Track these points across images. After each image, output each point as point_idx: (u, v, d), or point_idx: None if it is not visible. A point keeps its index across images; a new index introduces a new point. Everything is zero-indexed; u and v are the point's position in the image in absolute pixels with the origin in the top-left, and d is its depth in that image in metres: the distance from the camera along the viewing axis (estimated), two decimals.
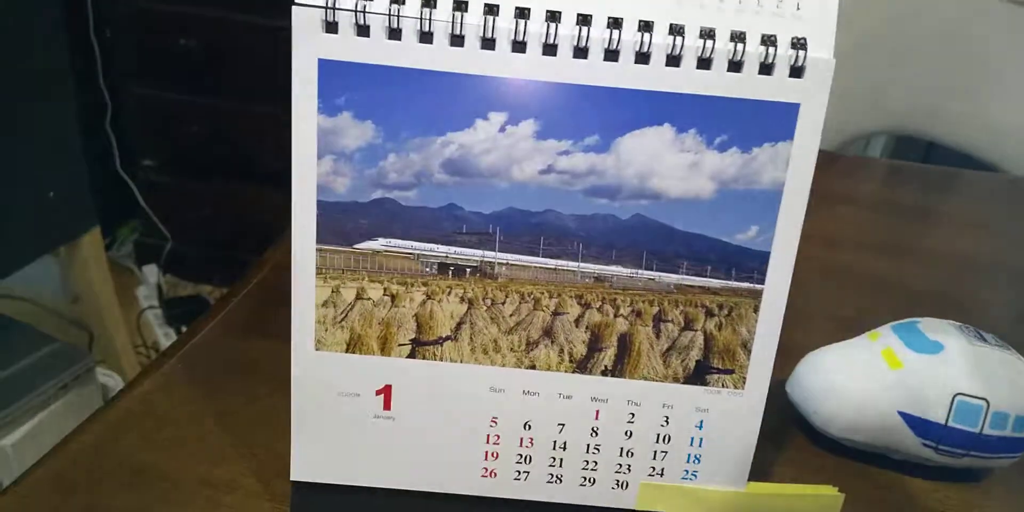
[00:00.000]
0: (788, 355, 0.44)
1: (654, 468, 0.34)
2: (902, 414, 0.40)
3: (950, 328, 0.41)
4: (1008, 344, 0.41)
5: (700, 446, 0.33)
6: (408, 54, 0.29)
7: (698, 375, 0.32)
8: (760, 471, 0.41)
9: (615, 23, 0.29)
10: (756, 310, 0.31)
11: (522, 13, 0.29)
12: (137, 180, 1.78)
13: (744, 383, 0.32)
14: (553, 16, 0.29)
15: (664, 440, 0.33)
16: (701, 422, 0.33)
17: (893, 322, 0.43)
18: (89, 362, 1.21)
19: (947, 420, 0.39)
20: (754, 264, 0.31)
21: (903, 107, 1.17)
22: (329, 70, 0.29)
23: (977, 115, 1.13)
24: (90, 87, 1.66)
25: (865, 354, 0.41)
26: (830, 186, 0.81)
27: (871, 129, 1.23)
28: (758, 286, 0.31)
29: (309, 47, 0.29)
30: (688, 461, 0.33)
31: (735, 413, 0.32)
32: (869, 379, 0.40)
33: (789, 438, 0.44)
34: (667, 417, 0.33)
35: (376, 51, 0.29)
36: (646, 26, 0.29)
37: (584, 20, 0.29)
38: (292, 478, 0.34)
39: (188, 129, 1.63)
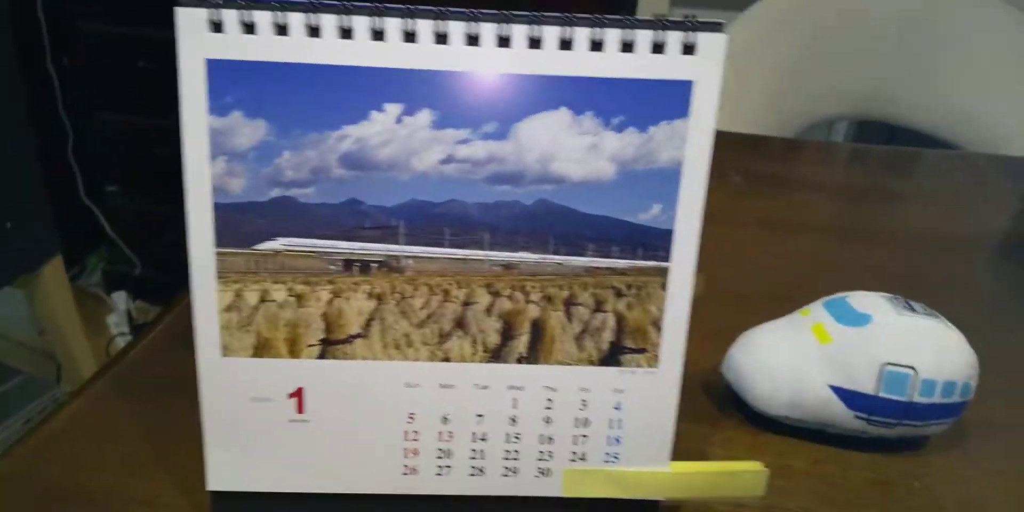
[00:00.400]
0: (730, 338, 0.44)
1: (575, 453, 0.33)
2: (833, 388, 0.40)
3: (879, 300, 0.41)
4: (938, 312, 0.42)
5: (619, 428, 0.33)
6: (297, 49, 0.29)
7: (612, 356, 0.32)
8: (698, 452, 0.41)
9: (506, 9, 0.29)
10: (664, 288, 0.31)
11: (411, 4, 0.29)
12: (102, 207, 1.76)
13: (658, 361, 0.32)
14: (443, 6, 0.29)
15: (583, 424, 0.33)
16: (619, 403, 0.33)
17: (825, 298, 0.43)
18: (57, 393, 1.19)
19: (877, 391, 0.39)
20: (659, 242, 0.31)
21: (863, 92, 1.18)
22: (217, 69, 0.29)
23: (936, 98, 1.15)
24: (50, 116, 1.65)
25: (796, 331, 0.42)
26: (788, 171, 0.82)
27: (832, 114, 1.24)
28: (664, 264, 0.31)
29: (195, 47, 0.29)
30: (609, 444, 0.33)
31: (651, 392, 0.32)
32: (799, 355, 0.40)
33: (727, 419, 0.44)
34: (584, 401, 0.33)
35: (264, 48, 0.29)
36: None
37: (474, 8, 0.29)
38: (208, 488, 0.33)
39: (151, 152, 1.62)
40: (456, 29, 0.29)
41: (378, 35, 0.29)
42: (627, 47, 0.29)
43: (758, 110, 1.12)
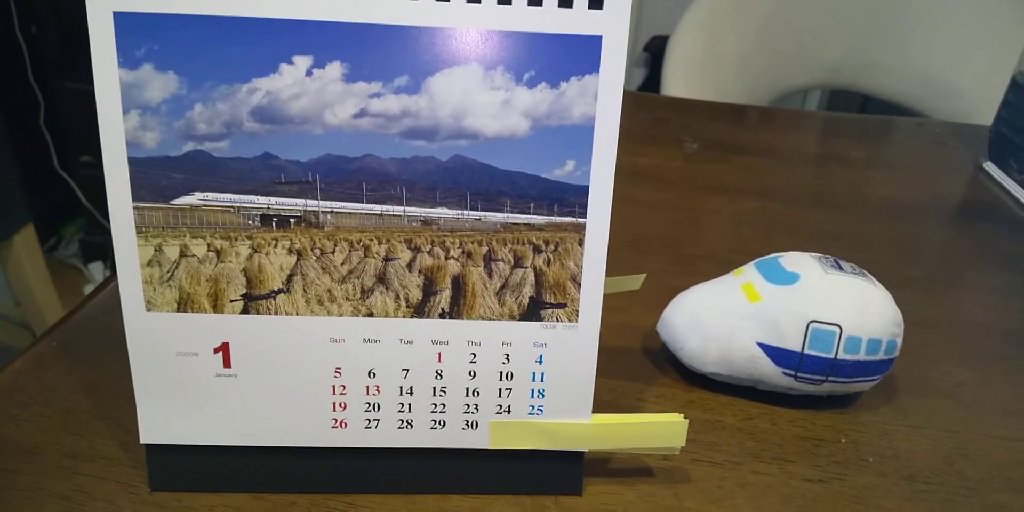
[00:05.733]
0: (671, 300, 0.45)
1: (500, 405, 0.34)
2: (761, 345, 0.40)
3: (808, 259, 0.42)
4: (866, 271, 0.42)
5: (542, 381, 0.34)
6: (205, 1, 0.29)
7: (533, 311, 0.33)
8: (633, 408, 0.42)
9: None
10: (581, 244, 0.32)
11: None
12: (77, 177, 1.75)
13: (577, 316, 0.33)
14: None
15: (507, 377, 0.34)
16: (540, 357, 0.33)
17: (758, 258, 0.44)
18: None
19: (803, 348, 0.40)
20: (574, 198, 0.31)
21: (834, 61, 1.18)
22: (125, 22, 0.29)
23: (907, 66, 1.15)
24: (20, 85, 1.63)
25: (727, 290, 0.42)
26: (752, 138, 0.82)
27: (805, 84, 1.24)
28: (580, 220, 0.31)
29: (103, 0, 0.28)
30: (532, 396, 0.34)
31: (572, 346, 0.33)
32: (729, 314, 0.41)
33: (662, 377, 0.44)
34: (507, 355, 0.33)
35: (172, 0, 0.29)
36: None
37: None
38: (142, 441, 0.34)
39: None
40: None
41: None
42: (535, 1, 0.29)
43: (730, 80, 1.12)
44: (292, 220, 0.31)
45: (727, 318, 0.41)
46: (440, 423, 0.34)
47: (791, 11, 1.15)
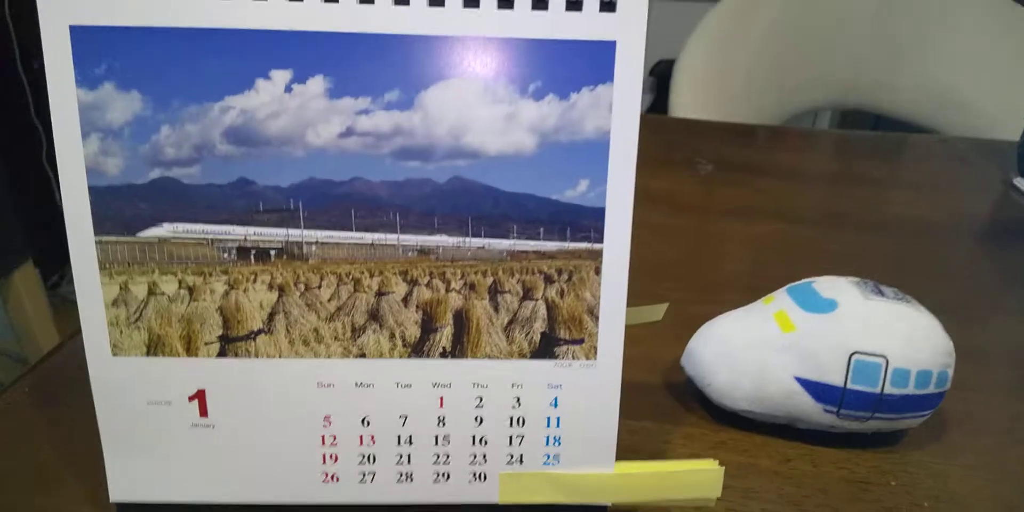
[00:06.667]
0: (694, 331, 0.41)
1: (512, 455, 0.30)
2: (799, 380, 0.37)
3: (846, 284, 0.38)
4: (910, 296, 0.39)
5: (558, 426, 0.30)
6: (170, 12, 0.26)
7: (545, 348, 0.29)
8: (658, 452, 0.38)
9: None
10: (598, 272, 0.28)
11: None
12: None
13: (596, 352, 0.29)
14: None
15: (518, 423, 0.30)
16: (555, 400, 0.30)
17: (789, 284, 0.40)
18: None
19: (845, 382, 0.36)
20: (589, 222, 0.28)
21: (844, 80, 1.16)
22: (83, 37, 0.26)
23: (917, 84, 1.12)
24: (22, 120, 1.62)
25: (757, 319, 0.39)
26: (766, 158, 0.79)
27: (815, 104, 1.21)
28: (596, 246, 0.28)
29: (57, 13, 0.26)
30: (547, 444, 0.30)
31: (590, 386, 0.29)
32: (762, 345, 0.37)
33: (689, 415, 0.41)
34: (518, 398, 0.30)
35: (133, 12, 0.26)
36: None
37: None
38: (111, 499, 0.30)
39: None
40: None
41: None
42: (539, 3, 0.26)
43: (739, 102, 1.09)
44: (272, 252, 0.28)
45: (759, 350, 0.37)
46: (444, 476, 0.31)
47: (798, 31, 1.13)
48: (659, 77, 1.71)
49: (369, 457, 0.30)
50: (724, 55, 1.09)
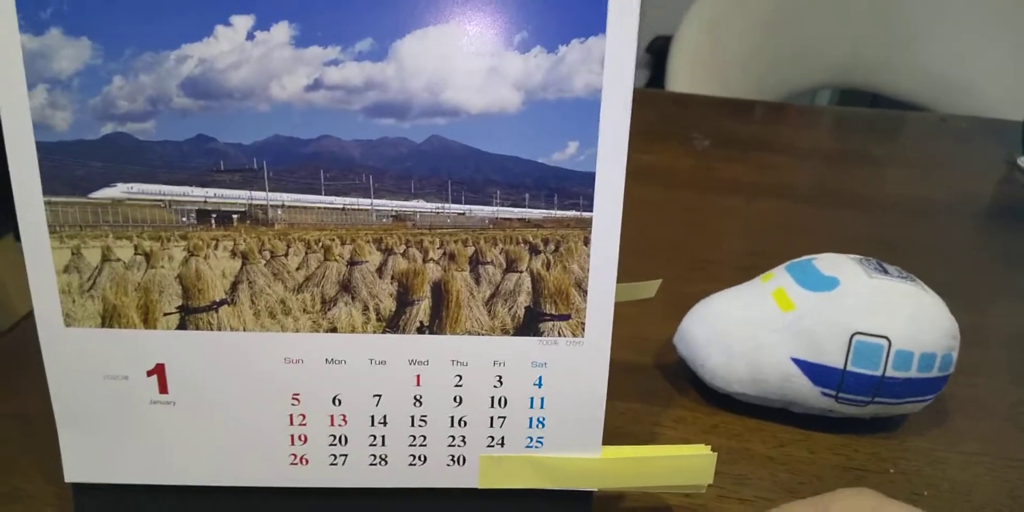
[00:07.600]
0: (687, 309, 0.39)
1: (493, 437, 0.28)
2: (796, 361, 0.35)
3: (848, 262, 0.36)
4: (915, 276, 0.37)
5: (542, 407, 0.28)
6: None
7: (529, 324, 0.27)
8: (647, 435, 0.37)
9: None
10: (587, 242, 0.26)
11: None
12: None
13: (583, 329, 0.27)
14: None
15: (500, 403, 0.28)
16: (540, 379, 0.28)
17: (789, 261, 0.39)
18: None
19: (845, 364, 0.34)
20: (578, 188, 0.26)
21: (843, 59, 1.13)
22: None
23: (917, 63, 1.10)
24: None
25: (755, 298, 0.37)
26: (765, 134, 0.77)
27: (813, 82, 1.19)
28: (586, 214, 0.26)
29: None
30: (530, 426, 0.28)
31: (577, 365, 0.27)
32: (758, 325, 0.36)
33: (681, 397, 0.39)
34: (500, 376, 0.28)
35: None
36: None
37: None
38: (66, 480, 0.29)
39: None
40: None
41: None
42: None
43: (736, 79, 1.07)
44: (235, 216, 0.26)
45: (755, 330, 0.36)
46: (420, 458, 0.29)
47: (797, 7, 1.10)
48: (656, 54, 1.68)
49: (340, 438, 0.28)
50: (722, 32, 1.07)
